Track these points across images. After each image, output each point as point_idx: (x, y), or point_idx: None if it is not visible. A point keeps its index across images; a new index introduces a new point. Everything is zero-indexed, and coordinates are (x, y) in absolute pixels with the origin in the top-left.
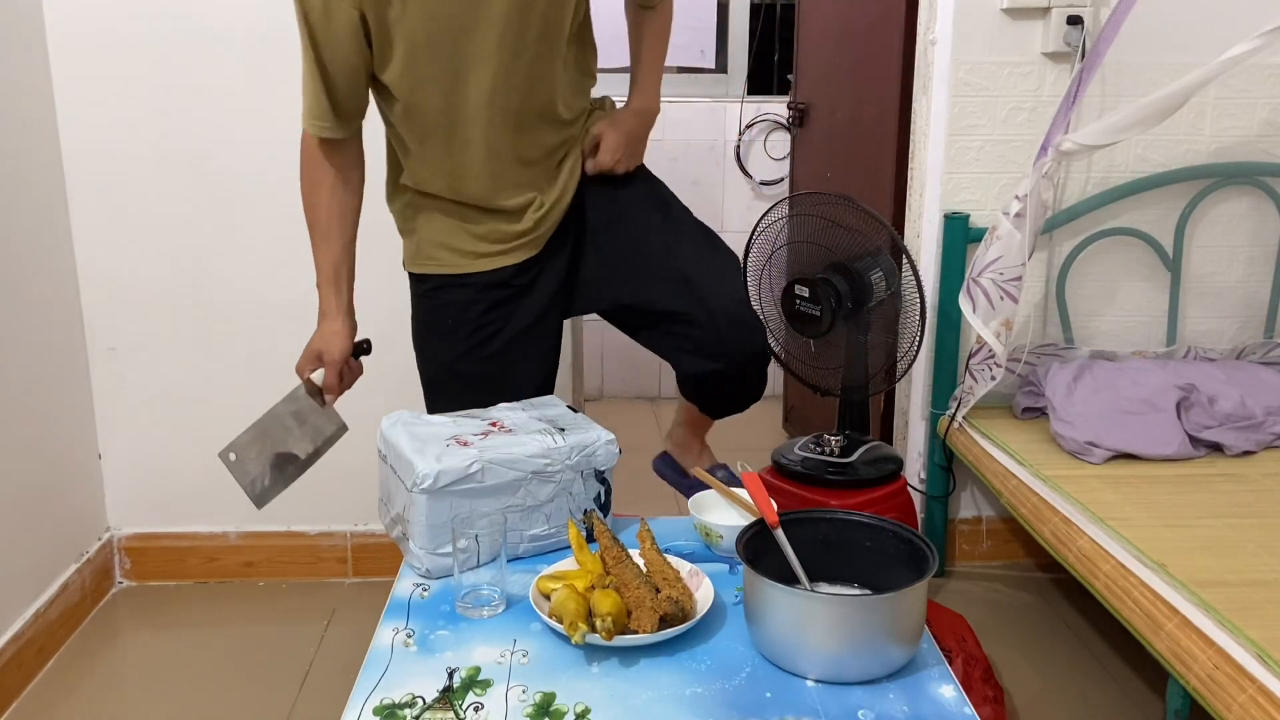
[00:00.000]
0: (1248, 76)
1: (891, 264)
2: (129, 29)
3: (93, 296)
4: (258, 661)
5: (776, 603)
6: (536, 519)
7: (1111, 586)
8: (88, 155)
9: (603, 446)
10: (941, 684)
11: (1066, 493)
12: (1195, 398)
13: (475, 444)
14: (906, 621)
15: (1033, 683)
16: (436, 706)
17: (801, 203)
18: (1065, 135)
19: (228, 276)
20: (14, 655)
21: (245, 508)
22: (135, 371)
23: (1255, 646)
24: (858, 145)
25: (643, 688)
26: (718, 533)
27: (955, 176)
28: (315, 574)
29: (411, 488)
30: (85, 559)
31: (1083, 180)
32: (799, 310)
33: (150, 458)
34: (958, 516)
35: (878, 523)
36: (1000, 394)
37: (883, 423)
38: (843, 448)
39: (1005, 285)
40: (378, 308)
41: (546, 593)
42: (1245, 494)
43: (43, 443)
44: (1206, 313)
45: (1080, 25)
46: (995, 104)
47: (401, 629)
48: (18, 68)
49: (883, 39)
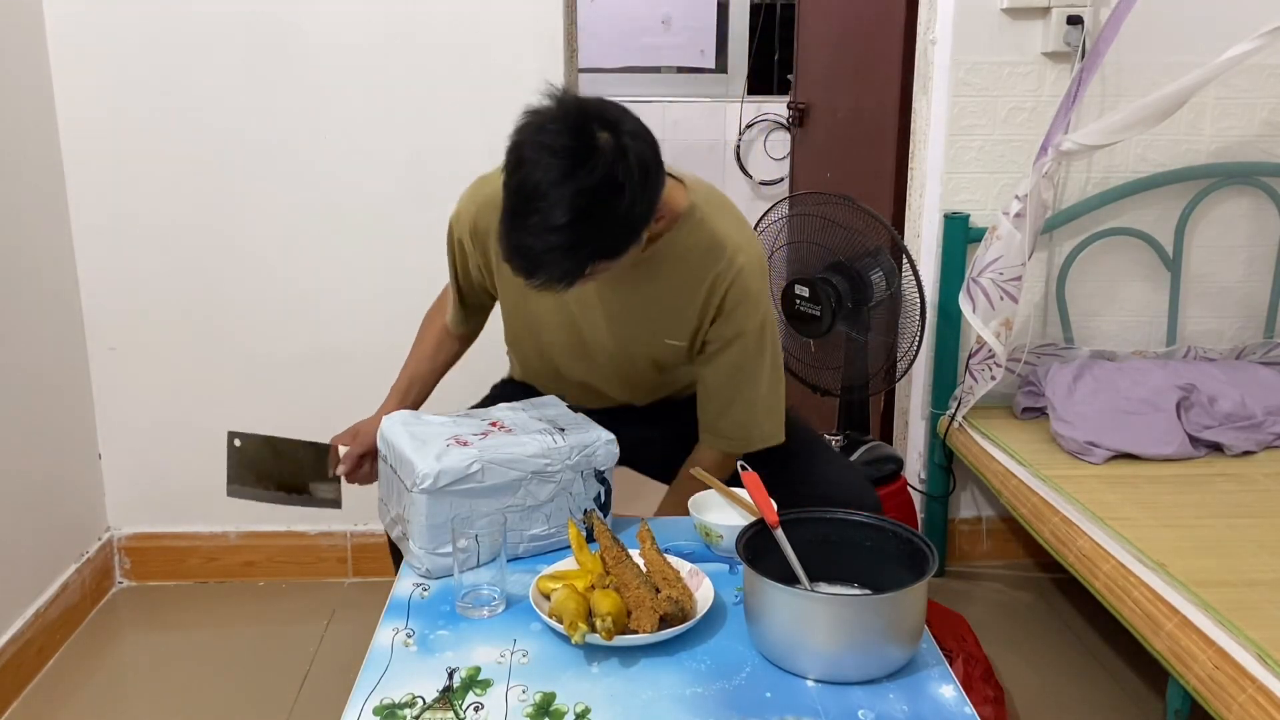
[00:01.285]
0: (1248, 76)
1: (891, 264)
2: (129, 29)
3: (93, 296)
4: (258, 661)
5: (776, 603)
6: (536, 519)
7: (1111, 586)
8: (88, 155)
9: (603, 446)
10: (941, 684)
11: (1066, 493)
12: (1195, 398)
13: (475, 444)
14: (906, 621)
15: (1033, 683)
16: (436, 706)
17: (801, 202)
18: (1065, 135)
19: (228, 276)
20: (14, 655)
21: (245, 508)
22: (135, 371)
23: (1255, 646)
24: (858, 145)
25: (643, 688)
26: (718, 533)
27: (955, 176)
28: (315, 574)
29: (411, 488)
30: (85, 559)
31: (1083, 180)
32: (799, 310)
33: (150, 458)
34: (958, 516)
35: (878, 523)
36: (1000, 394)
37: (883, 423)
38: (843, 448)
39: (1005, 285)
40: (378, 308)
41: (546, 593)
42: (1245, 494)
43: (43, 443)
44: (1206, 313)
45: (1080, 25)
46: (995, 104)
47: (401, 629)
48: (18, 68)
49: (883, 39)
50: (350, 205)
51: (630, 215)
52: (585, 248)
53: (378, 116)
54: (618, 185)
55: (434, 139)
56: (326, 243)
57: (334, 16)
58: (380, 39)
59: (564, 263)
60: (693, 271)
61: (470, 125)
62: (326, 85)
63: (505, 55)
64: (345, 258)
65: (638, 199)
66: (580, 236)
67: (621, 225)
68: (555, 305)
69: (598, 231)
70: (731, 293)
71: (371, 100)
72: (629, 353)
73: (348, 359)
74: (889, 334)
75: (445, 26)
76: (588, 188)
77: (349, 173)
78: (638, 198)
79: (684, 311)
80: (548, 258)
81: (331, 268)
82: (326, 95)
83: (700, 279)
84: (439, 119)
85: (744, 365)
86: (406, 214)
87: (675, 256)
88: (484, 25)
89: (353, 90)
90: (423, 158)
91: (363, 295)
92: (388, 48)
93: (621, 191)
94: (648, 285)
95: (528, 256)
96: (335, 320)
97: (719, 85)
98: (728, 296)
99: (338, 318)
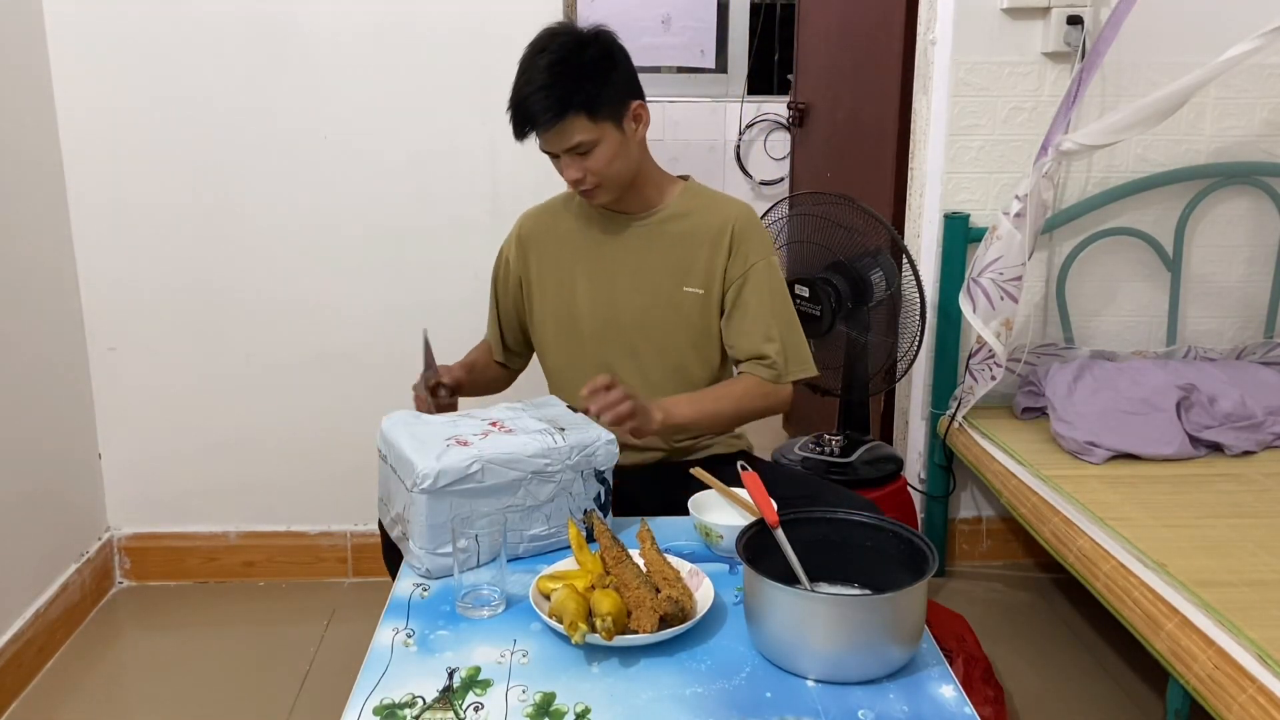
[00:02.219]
0: (1248, 76)
1: (891, 264)
2: (129, 29)
3: (93, 296)
4: (258, 661)
5: (776, 603)
6: (536, 519)
7: (1111, 586)
8: (88, 155)
9: (603, 446)
10: (941, 684)
11: (1066, 493)
12: (1195, 398)
13: (475, 444)
14: (906, 621)
15: (1033, 683)
16: (436, 706)
17: (801, 202)
18: (1065, 135)
19: (227, 276)
20: (14, 655)
21: (245, 508)
22: (135, 371)
23: (1255, 646)
24: (858, 145)
25: (643, 688)
26: (718, 533)
27: (955, 176)
28: (315, 574)
29: (412, 488)
30: (85, 559)
31: (1083, 180)
32: (799, 310)
33: (150, 458)
34: (958, 516)
35: (878, 523)
36: (1000, 394)
37: (883, 423)
38: (843, 448)
39: (1005, 285)
40: (378, 308)
41: (546, 593)
42: (1245, 494)
43: (43, 443)
44: (1206, 313)
45: (1080, 25)
46: (995, 104)
47: (401, 629)
48: (18, 68)
49: (883, 39)
50: (350, 206)
51: (598, 68)
52: (559, 88)
53: (378, 117)
54: (585, 42)
55: (434, 140)
56: (326, 243)
57: (334, 17)
58: (380, 39)
59: (545, 101)
60: (697, 225)
61: (470, 126)
62: (327, 87)
63: (505, 56)
64: (345, 258)
65: (604, 57)
66: (555, 78)
67: (590, 76)
68: (589, 281)
69: (573, 78)
70: (738, 229)
71: (372, 101)
72: (655, 306)
73: (348, 359)
74: (889, 334)
75: (445, 26)
76: (561, 45)
77: (349, 174)
78: (604, 56)
79: (697, 257)
80: (533, 99)
81: (331, 268)
82: (327, 97)
83: (707, 228)
84: (439, 120)
85: (775, 287)
86: (406, 215)
87: (680, 215)
88: (484, 25)
89: (353, 92)
90: (422, 158)
91: (362, 295)
92: (388, 48)
93: (587, 45)
94: (660, 241)
95: (520, 107)
96: (335, 320)
97: (719, 85)
98: (735, 233)
99: (337, 318)
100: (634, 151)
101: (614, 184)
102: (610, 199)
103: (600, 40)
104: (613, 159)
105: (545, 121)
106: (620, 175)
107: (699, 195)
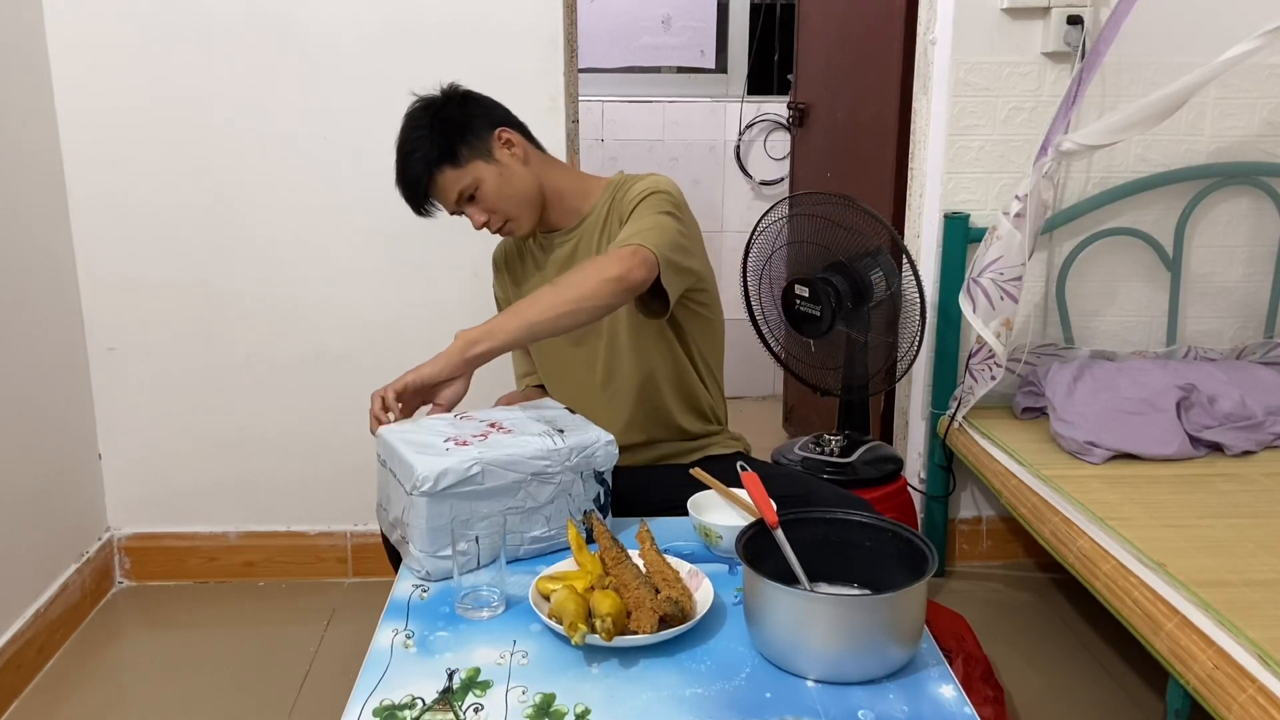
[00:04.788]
0: (1248, 76)
1: (891, 264)
2: (129, 29)
3: (93, 296)
4: (258, 661)
5: (776, 603)
6: (536, 520)
7: (1111, 586)
8: (88, 155)
9: (602, 447)
10: (941, 684)
11: (1066, 493)
12: (1195, 398)
13: (474, 445)
14: (906, 621)
15: (1033, 683)
16: (436, 708)
17: (801, 202)
18: (1065, 135)
19: (227, 276)
20: (14, 655)
21: (245, 508)
22: (135, 372)
23: (1255, 646)
24: (858, 145)
25: (643, 688)
26: (718, 533)
27: (955, 176)
28: (315, 574)
29: (411, 490)
30: (85, 559)
31: (1083, 180)
32: (799, 310)
33: (150, 458)
34: (958, 516)
35: (878, 523)
36: (1000, 394)
37: (883, 423)
38: (843, 448)
39: (1005, 285)
40: (378, 308)
41: (546, 594)
42: (1245, 494)
43: (43, 443)
44: (1206, 313)
45: (1080, 25)
46: (995, 104)
47: (401, 630)
48: (18, 68)
49: (883, 39)
50: (350, 206)
51: (444, 122)
52: (417, 154)
53: (378, 116)
54: (427, 104)
55: None
56: (327, 243)
57: (334, 17)
58: (381, 39)
59: (411, 172)
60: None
61: None
62: (326, 86)
63: (505, 56)
64: (345, 258)
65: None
66: (411, 148)
67: (439, 130)
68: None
69: (424, 141)
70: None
71: (372, 100)
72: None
73: (348, 359)
74: (889, 334)
75: (445, 26)
76: (407, 119)
77: (349, 174)
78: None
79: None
80: (405, 176)
81: (331, 268)
82: (326, 96)
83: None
84: None
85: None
86: (406, 214)
87: (604, 212)
88: (484, 26)
89: (353, 91)
90: None
91: (362, 295)
92: (388, 48)
93: (430, 106)
94: (590, 241)
95: (402, 188)
96: (335, 320)
97: (719, 85)
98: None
99: (338, 318)
100: (522, 174)
101: (519, 211)
102: (528, 227)
103: (444, 96)
104: (500, 189)
105: (421, 189)
106: (519, 200)
107: (620, 185)
